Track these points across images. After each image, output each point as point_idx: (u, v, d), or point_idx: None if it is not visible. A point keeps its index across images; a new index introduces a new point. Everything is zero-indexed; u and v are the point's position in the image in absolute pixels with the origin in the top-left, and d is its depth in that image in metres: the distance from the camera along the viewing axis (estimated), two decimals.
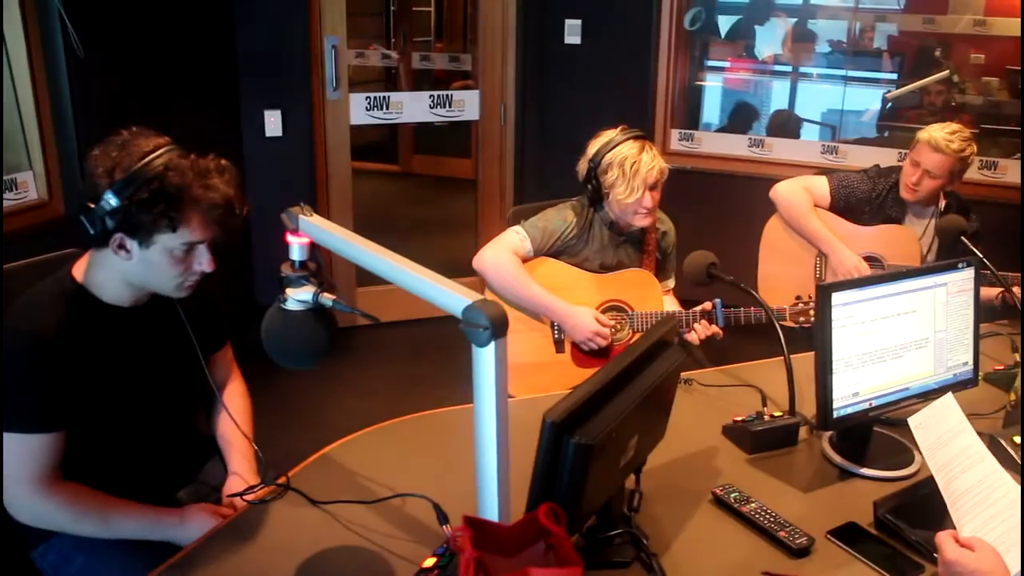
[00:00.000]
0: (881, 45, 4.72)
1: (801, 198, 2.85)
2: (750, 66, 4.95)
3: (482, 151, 4.40)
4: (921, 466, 1.65)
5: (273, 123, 3.90)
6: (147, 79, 3.28)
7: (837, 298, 1.58)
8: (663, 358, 1.45)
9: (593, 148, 2.36)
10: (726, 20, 4.86)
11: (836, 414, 1.63)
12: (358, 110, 4.03)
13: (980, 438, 1.42)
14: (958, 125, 2.71)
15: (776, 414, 1.80)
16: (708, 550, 1.44)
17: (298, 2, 3.77)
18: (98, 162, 1.45)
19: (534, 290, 2.32)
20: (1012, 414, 1.85)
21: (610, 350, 2.38)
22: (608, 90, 4.31)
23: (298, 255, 1.33)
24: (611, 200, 2.35)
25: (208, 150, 1.53)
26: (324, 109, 3.96)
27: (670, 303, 2.57)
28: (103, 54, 2.99)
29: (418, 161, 7.01)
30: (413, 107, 4.18)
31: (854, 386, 1.64)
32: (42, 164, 2.88)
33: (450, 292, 1.19)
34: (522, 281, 2.32)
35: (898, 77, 4.62)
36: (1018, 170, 3.87)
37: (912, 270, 1.81)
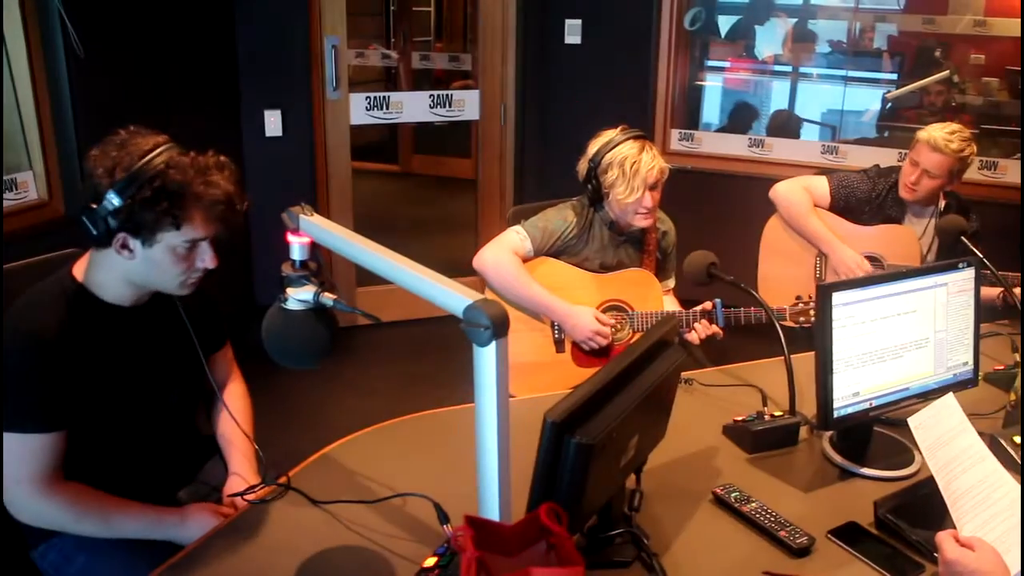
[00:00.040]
0: (881, 45, 4.71)
1: (801, 198, 2.85)
2: (750, 66, 4.94)
3: (482, 151, 4.40)
4: (921, 466, 1.65)
5: (273, 123, 3.90)
6: (147, 79, 3.28)
7: (838, 298, 1.58)
8: (663, 358, 1.45)
9: (593, 148, 2.36)
10: (726, 20, 4.86)
11: (836, 414, 1.63)
12: (358, 110, 4.03)
13: (981, 438, 1.42)
14: (958, 125, 2.71)
15: (776, 414, 1.80)
16: (709, 550, 1.44)
17: (298, 2, 3.77)
18: (98, 162, 1.45)
19: (534, 290, 2.32)
20: (1012, 414, 1.85)
21: (610, 350, 2.38)
22: (608, 90, 4.31)
23: (299, 255, 1.33)
24: (611, 200, 2.35)
25: (208, 150, 1.53)
26: (324, 109, 3.96)
27: (670, 303, 2.57)
28: (103, 54, 2.99)
29: (418, 161, 7.01)
30: (413, 107, 4.18)
31: (854, 386, 1.64)
32: (42, 164, 2.88)
33: (451, 292, 1.19)
34: (522, 281, 2.32)
35: (898, 77, 4.61)
36: (1018, 170, 3.87)
37: (912, 270, 1.81)
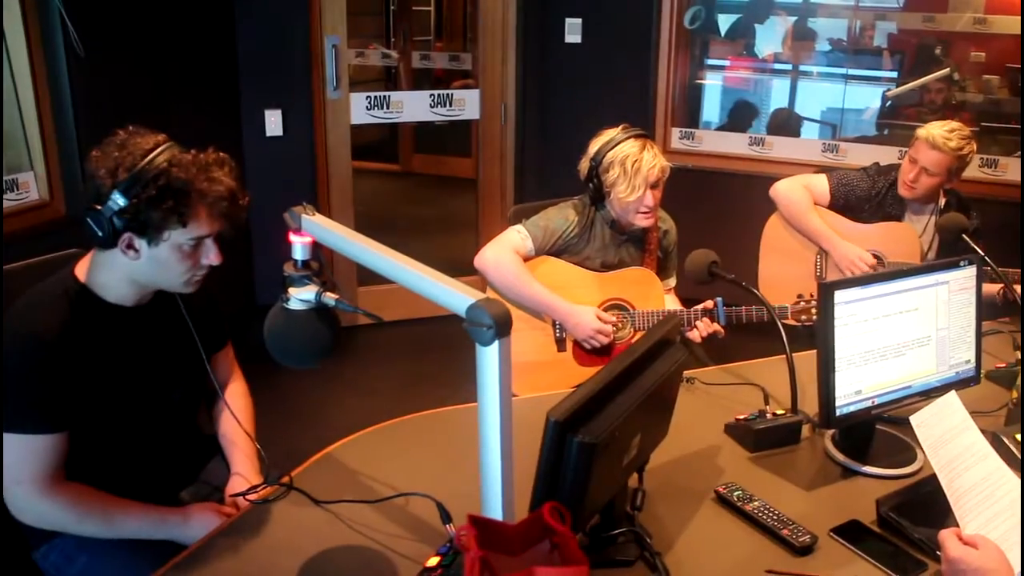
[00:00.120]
0: (881, 43, 4.71)
1: (801, 196, 2.85)
2: (750, 64, 4.94)
3: (482, 150, 4.40)
4: (924, 464, 1.65)
5: (273, 123, 3.90)
6: (147, 78, 3.28)
7: (840, 296, 1.58)
8: (665, 357, 1.44)
9: (595, 147, 2.36)
10: (726, 19, 4.86)
11: (839, 412, 1.63)
12: (358, 109, 4.02)
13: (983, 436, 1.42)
14: (957, 123, 2.71)
15: (778, 412, 1.80)
16: (711, 548, 1.44)
17: (298, 2, 3.77)
18: (99, 163, 1.44)
19: (535, 289, 2.32)
20: (1014, 412, 1.85)
21: (612, 349, 2.38)
22: (608, 89, 4.31)
23: (301, 254, 1.33)
24: (612, 199, 2.35)
25: (207, 147, 1.53)
26: (324, 109, 3.96)
27: (671, 302, 2.57)
28: (103, 53, 2.98)
29: (418, 160, 7.01)
30: (413, 106, 4.18)
31: (856, 384, 1.64)
32: (43, 164, 2.88)
33: (454, 291, 1.19)
34: (523, 280, 2.32)
35: (898, 75, 4.62)
36: (1018, 168, 3.87)
37: (914, 268, 1.81)
